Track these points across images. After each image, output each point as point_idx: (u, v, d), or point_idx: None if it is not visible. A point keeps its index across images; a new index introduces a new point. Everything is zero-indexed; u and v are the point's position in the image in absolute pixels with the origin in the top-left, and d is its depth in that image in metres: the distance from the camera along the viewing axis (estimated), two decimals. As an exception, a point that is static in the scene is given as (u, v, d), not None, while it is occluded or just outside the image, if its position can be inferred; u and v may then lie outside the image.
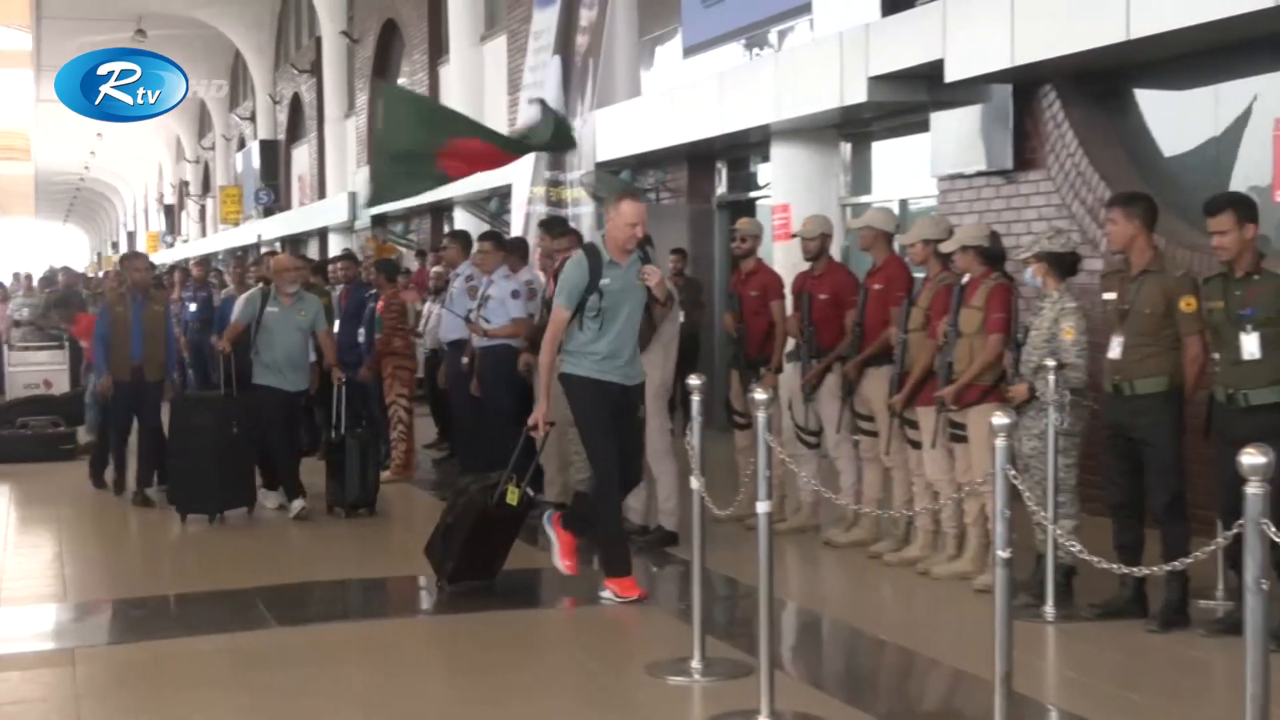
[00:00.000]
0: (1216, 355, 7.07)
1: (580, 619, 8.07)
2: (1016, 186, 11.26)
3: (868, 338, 9.17)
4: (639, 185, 17.62)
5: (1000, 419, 5.04)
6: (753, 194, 16.27)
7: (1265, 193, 9.29)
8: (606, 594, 8.04)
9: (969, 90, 11.26)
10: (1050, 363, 7.55)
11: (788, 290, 9.99)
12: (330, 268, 15.18)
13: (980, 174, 11.52)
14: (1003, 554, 4.95)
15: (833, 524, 9.69)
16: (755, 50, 15.61)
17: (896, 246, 9.40)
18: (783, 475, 9.49)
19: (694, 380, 6.70)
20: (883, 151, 14.15)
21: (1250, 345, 6.84)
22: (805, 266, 9.74)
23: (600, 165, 17.00)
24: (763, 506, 5.91)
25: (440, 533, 8.43)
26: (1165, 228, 8.95)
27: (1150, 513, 7.40)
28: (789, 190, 14.36)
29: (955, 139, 11.68)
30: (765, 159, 15.35)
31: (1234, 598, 7.38)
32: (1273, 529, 3.83)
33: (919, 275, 9.07)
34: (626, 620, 7.85)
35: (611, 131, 16.80)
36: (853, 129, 14.00)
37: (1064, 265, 7.82)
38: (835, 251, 11.25)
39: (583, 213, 16.66)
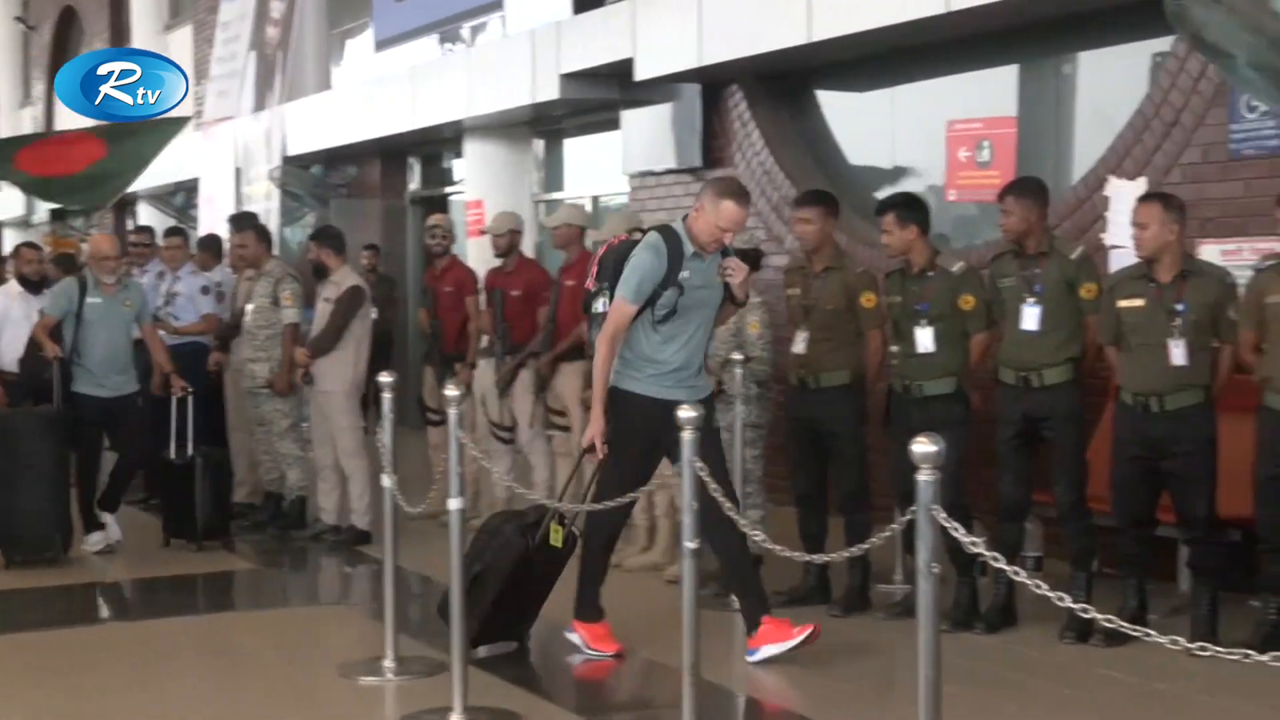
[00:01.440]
0: (895, 348, 7.33)
1: (272, 621, 7.91)
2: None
3: (561, 334, 9.21)
4: (331, 180, 17.37)
5: (687, 413, 5.11)
6: (446, 190, 16.20)
7: (940, 192, 9.67)
8: (575, 637, 6.94)
9: (659, 89, 11.43)
10: (737, 356, 7.71)
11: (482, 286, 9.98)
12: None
13: (670, 171, 11.71)
14: (690, 545, 5.02)
15: (527, 519, 9.69)
16: (448, 45, 15.54)
17: (589, 243, 9.47)
18: (476, 472, 9.46)
19: (385, 378, 6.63)
20: (575, 148, 14.25)
21: (925, 339, 7.11)
22: (498, 263, 9.74)
23: (290, 160, 16.71)
24: (454, 503, 5.88)
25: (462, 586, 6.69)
26: (846, 225, 9.24)
27: (834, 501, 7.62)
28: (482, 186, 14.36)
29: (646, 137, 11.84)
30: (459, 155, 15.32)
31: (911, 581, 7.64)
32: (943, 515, 3.97)
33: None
34: (319, 622, 7.73)
35: (302, 126, 16.53)
36: (545, 126, 14.07)
37: (749, 261, 7.97)
38: (529, 248, 11.30)
39: (271, 208, 16.36)
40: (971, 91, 9.85)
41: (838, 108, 11.10)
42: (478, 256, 12.63)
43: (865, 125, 10.90)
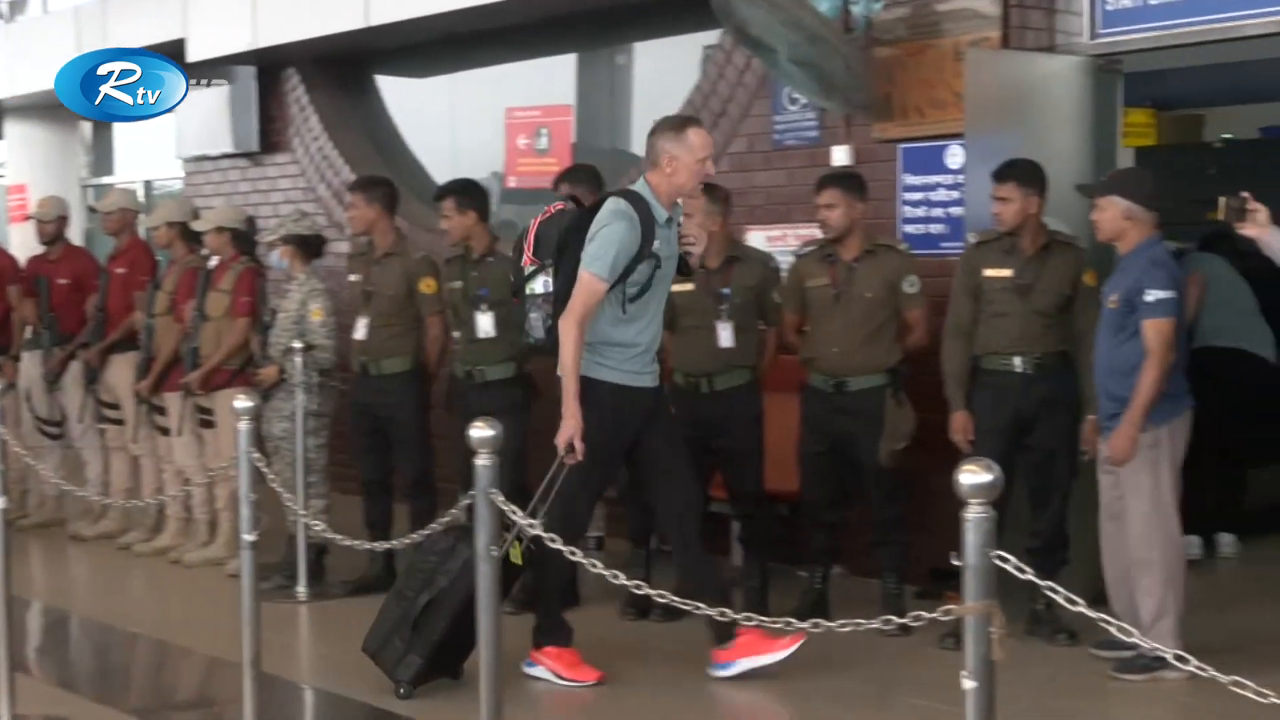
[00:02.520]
0: (457, 334, 7.36)
1: None
2: (263, 169, 11.26)
3: (111, 323, 8.87)
4: None
5: (242, 402, 5.01)
6: (-13, 173, 15.39)
7: (500, 178, 9.77)
8: (538, 671, 5.98)
9: (213, 71, 11.13)
10: (298, 344, 7.59)
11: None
12: None
13: (226, 156, 11.44)
14: (248, 537, 4.92)
15: (79, 517, 9.33)
16: (-12, 21, 14.75)
17: (141, 230, 9.17)
18: (23, 469, 9.02)
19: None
20: (126, 131, 13.75)
21: (485, 324, 7.17)
22: (41, 250, 9.31)
23: None
24: (-2, 503, 5.60)
25: (401, 618, 5.82)
26: (407, 211, 9.23)
27: (399, 488, 7.61)
28: (26, 170, 13.72)
29: (200, 120, 11.51)
30: (0, 137, 14.56)
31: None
32: (500, 498, 4.01)
33: (163, 258, 8.88)
34: None
35: None
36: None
37: (310, 247, 7.87)
38: (76, 234, 10.84)
39: None
40: (530, 79, 9.98)
41: (397, 93, 11.07)
42: (21, 243, 12.05)
43: (425, 111, 10.90)
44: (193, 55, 10.76)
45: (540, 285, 5.86)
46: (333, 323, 7.74)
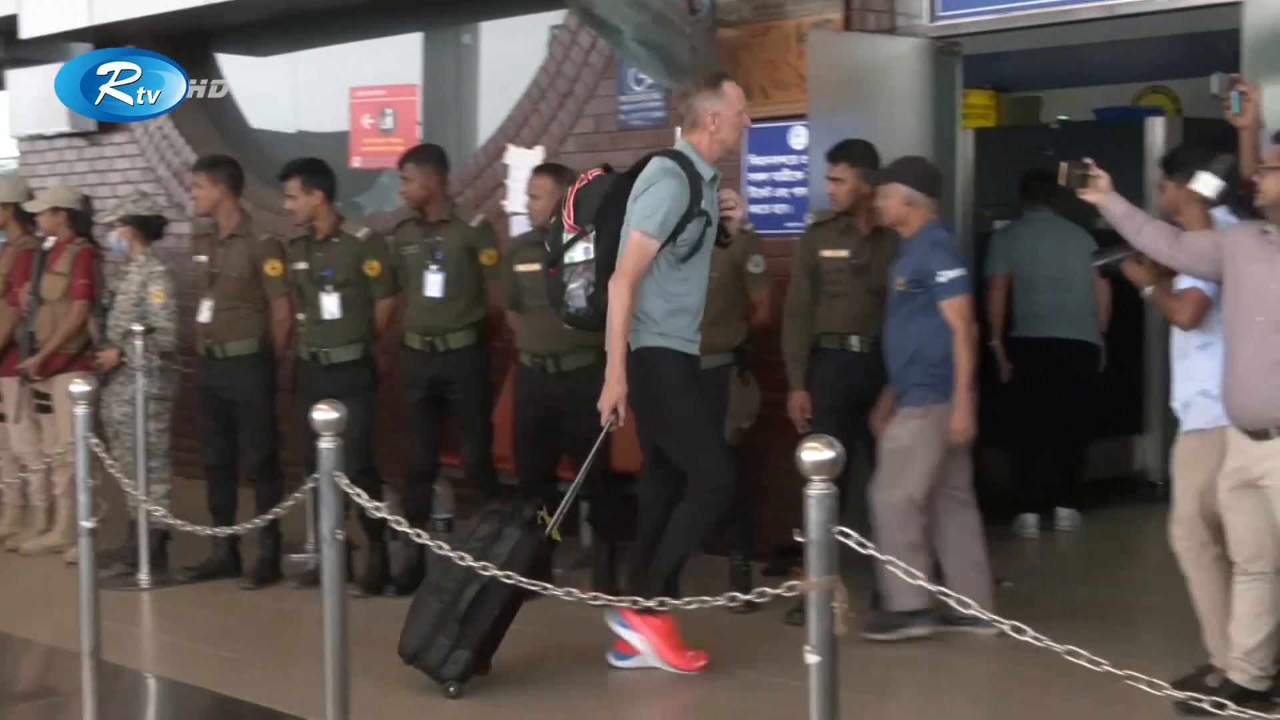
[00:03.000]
0: (302, 316, 7.28)
1: None
2: (100, 149, 11.05)
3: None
4: None
5: (79, 386, 4.92)
6: None
7: (345, 158, 9.66)
8: (633, 637, 5.71)
9: (48, 48, 10.88)
10: (138, 327, 7.46)
11: None
12: None
13: (62, 135, 11.19)
14: (86, 524, 4.85)
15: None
16: None
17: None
18: None
19: None
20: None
21: (330, 305, 7.11)
22: None
23: None
24: None
25: (445, 613, 5.46)
26: (250, 192, 9.09)
27: (244, 472, 7.52)
28: None
29: (35, 98, 11.21)
30: None
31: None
32: (345, 481, 3.99)
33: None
34: None
35: None
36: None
37: (150, 229, 7.75)
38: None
39: None
40: (375, 58, 9.89)
41: (239, 72, 10.90)
42: None
43: (268, 90, 10.75)
44: (26, 32, 10.51)
45: (580, 253, 5.65)
46: (174, 305, 7.62)
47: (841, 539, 3.25)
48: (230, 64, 10.90)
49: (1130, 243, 5.17)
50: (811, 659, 3.23)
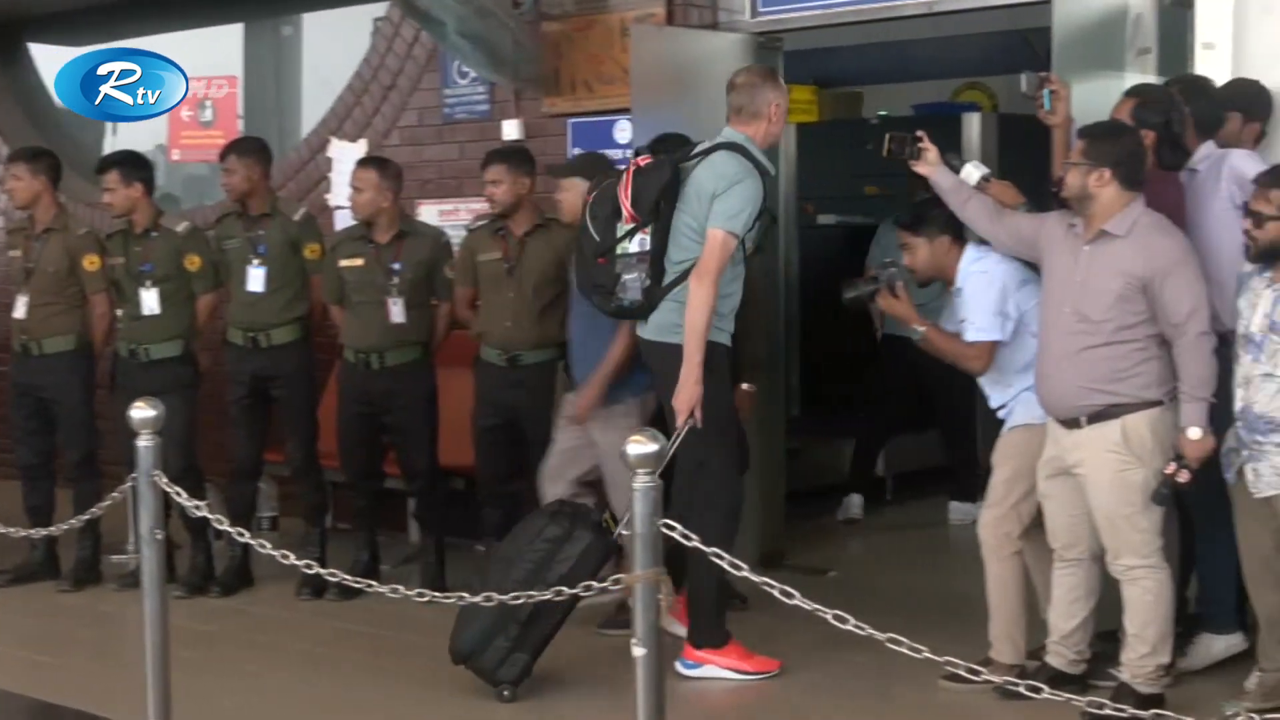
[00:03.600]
0: (121, 311, 7.15)
1: None
2: (-93, 140, 10.70)
3: None
4: None
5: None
6: None
7: (164, 150, 9.50)
8: (708, 670, 5.52)
9: None
10: (-52, 325, 7.27)
11: None
12: None
13: None
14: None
15: None
16: None
17: None
18: None
19: None
20: None
21: (150, 301, 6.99)
22: None
23: None
24: None
25: (505, 616, 5.16)
26: (68, 185, 8.89)
27: (62, 472, 7.36)
28: None
29: None
30: None
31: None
32: (164, 480, 3.94)
33: None
34: None
35: None
36: None
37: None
38: None
39: None
40: (193, 49, 9.70)
41: (54, 61, 10.63)
42: None
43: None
44: None
45: (636, 244, 5.50)
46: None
47: (666, 531, 3.28)
48: (44, 53, 10.65)
49: (957, 215, 5.30)
50: (638, 652, 3.26)
